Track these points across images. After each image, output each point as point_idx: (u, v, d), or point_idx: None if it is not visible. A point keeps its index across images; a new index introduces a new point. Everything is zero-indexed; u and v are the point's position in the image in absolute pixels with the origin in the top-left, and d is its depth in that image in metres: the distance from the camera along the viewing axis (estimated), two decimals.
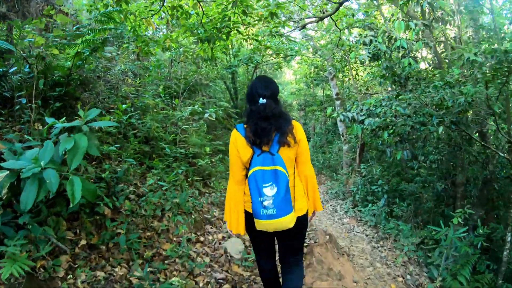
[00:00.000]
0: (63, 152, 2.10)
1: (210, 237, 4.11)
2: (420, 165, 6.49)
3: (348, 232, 6.31)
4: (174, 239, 3.67)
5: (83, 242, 3.15)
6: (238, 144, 2.15)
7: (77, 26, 4.01)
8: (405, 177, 7.61)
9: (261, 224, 2.04)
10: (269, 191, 1.98)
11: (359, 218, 7.27)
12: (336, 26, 6.23)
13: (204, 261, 3.47)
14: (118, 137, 5.01)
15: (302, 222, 2.22)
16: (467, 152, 6.54)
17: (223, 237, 4.16)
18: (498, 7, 9.10)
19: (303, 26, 5.72)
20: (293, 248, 2.40)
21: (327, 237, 4.60)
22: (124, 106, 4.85)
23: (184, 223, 4.01)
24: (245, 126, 2.18)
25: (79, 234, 3.30)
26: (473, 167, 6.76)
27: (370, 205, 7.23)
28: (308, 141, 20.26)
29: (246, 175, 2.15)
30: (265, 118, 2.09)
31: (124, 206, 3.70)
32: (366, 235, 6.14)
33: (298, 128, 2.19)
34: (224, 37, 3.86)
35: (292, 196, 2.09)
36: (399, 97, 4.99)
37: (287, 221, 2.01)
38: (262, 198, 1.98)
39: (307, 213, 2.26)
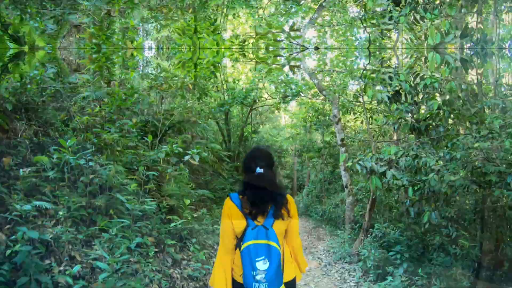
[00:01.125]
0: None
1: None
2: (459, 233, 5.09)
3: None
4: None
5: None
6: (233, 215, 2.07)
7: None
8: (431, 243, 6.18)
9: None
10: (262, 265, 1.92)
11: None
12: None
13: None
14: (60, 184, 3.61)
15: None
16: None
17: None
18: None
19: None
20: None
21: None
22: (69, 141, 3.48)
23: None
24: (240, 196, 2.09)
25: None
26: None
27: (390, 278, 5.71)
28: (303, 189, 19.10)
29: (237, 245, 2.09)
30: (262, 188, 2.04)
31: None
32: None
33: (291, 202, 2.14)
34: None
35: (282, 269, 2.02)
36: (475, 146, 3.65)
37: None
38: (255, 272, 1.91)
39: (294, 278, 2.17)
